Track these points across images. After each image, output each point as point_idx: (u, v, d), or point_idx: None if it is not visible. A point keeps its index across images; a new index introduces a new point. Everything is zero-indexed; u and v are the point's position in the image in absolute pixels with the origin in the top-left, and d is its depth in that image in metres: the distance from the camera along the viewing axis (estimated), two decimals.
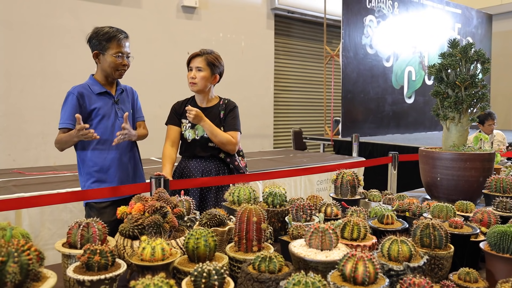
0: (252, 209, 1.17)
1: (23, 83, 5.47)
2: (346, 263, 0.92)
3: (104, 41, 2.19)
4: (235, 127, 2.43)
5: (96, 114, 2.22)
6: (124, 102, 2.37)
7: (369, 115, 7.40)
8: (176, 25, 6.82)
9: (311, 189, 4.34)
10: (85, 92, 2.21)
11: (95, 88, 2.24)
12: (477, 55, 2.08)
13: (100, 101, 2.24)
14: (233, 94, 2.91)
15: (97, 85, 2.26)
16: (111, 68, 2.23)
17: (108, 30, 2.21)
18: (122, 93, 2.37)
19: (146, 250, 1.02)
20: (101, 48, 2.21)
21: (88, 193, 2.18)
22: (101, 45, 2.20)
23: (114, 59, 2.21)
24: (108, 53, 2.20)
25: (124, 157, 2.31)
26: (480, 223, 1.39)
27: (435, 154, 2.08)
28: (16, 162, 5.33)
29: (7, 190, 2.85)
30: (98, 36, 2.20)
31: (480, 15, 9.88)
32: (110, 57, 2.20)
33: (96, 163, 2.24)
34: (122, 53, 2.22)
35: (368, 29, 7.30)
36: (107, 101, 2.28)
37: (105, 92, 2.27)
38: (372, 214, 1.54)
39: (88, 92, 2.22)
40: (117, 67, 2.23)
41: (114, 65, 2.22)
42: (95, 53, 2.23)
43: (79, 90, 2.20)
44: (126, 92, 2.42)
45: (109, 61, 2.21)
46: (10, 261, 0.79)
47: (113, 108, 2.28)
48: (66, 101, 2.19)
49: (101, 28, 2.23)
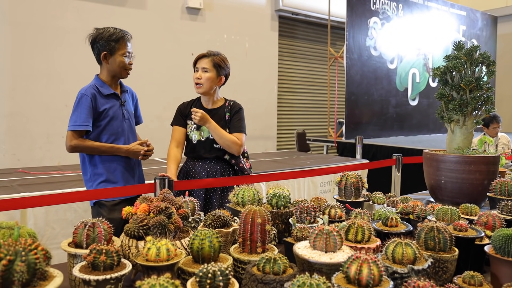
0: (256, 211, 1.18)
1: (28, 83, 5.50)
2: (350, 265, 0.92)
3: (113, 42, 2.21)
4: (240, 129, 2.43)
5: (105, 116, 2.23)
6: (128, 103, 2.39)
7: (373, 117, 7.38)
8: (181, 26, 6.84)
9: (314, 191, 4.34)
10: (96, 93, 2.22)
11: (103, 90, 2.25)
12: (482, 58, 2.08)
13: (109, 102, 2.26)
14: (237, 95, 2.92)
15: (105, 87, 2.27)
16: (121, 68, 2.25)
17: (113, 31, 2.23)
18: (125, 94, 2.39)
19: (151, 251, 1.03)
20: (110, 49, 2.22)
21: (93, 193, 2.19)
22: (110, 46, 2.21)
23: (123, 59, 2.24)
24: (118, 54, 2.22)
25: (130, 158, 2.33)
26: (484, 227, 1.39)
27: (440, 157, 2.08)
28: (21, 162, 5.35)
29: (13, 190, 2.86)
30: (105, 37, 2.21)
31: (485, 17, 9.85)
32: (119, 57, 2.23)
33: (104, 164, 2.25)
34: (129, 52, 2.27)
35: (372, 31, 7.29)
36: (115, 102, 2.29)
37: (113, 94, 2.28)
38: (376, 216, 1.54)
39: (98, 93, 2.23)
40: (126, 67, 2.26)
41: (123, 65, 2.25)
42: (104, 54, 2.23)
43: (91, 91, 2.20)
44: (129, 93, 2.44)
45: (119, 61, 2.23)
46: (18, 260, 0.79)
47: (120, 110, 2.30)
48: (81, 103, 2.17)
49: (105, 29, 2.23)
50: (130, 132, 2.34)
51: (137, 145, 2.28)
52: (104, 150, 2.21)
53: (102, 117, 2.22)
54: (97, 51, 2.25)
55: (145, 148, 2.29)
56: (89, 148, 2.19)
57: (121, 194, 2.22)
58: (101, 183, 2.26)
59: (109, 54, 2.23)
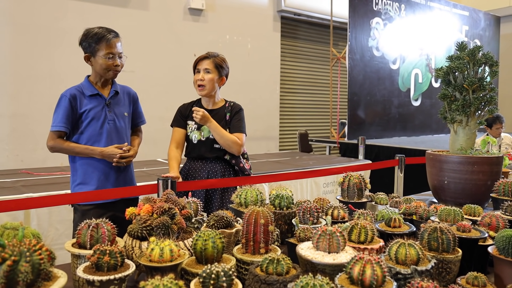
0: (259, 211, 1.18)
1: (31, 84, 5.52)
2: (353, 266, 0.92)
3: (93, 43, 2.16)
4: (240, 129, 2.44)
5: (86, 116, 2.19)
6: (118, 104, 2.31)
7: (376, 118, 7.38)
8: (183, 27, 6.85)
9: (317, 191, 4.33)
10: (77, 94, 2.19)
11: (87, 91, 2.21)
12: (485, 58, 2.07)
13: (91, 103, 2.21)
14: (239, 96, 2.93)
15: (90, 87, 2.23)
16: (103, 69, 2.19)
17: (97, 31, 2.17)
18: (116, 95, 2.31)
19: (154, 251, 1.03)
20: (91, 51, 2.18)
21: (95, 194, 2.19)
22: (91, 47, 2.17)
23: (105, 61, 2.17)
24: (99, 55, 2.16)
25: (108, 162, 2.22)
26: (488, 227, 1.39)
27: (443, 158, 2.07)
28: (24, 163, 5.37)
29: (16, 190, 2.88)
30: (88, 39, 2.17)
31: (488, 17, 9.83)
32: (100, 59, 2.16)
33: (82, 165, 2.22)
34: (113, 53, 2.17)
35: (375, 32, 7.29)
36: (98, 103, 2.23)
37: (97, 94, 2.23)
38: (379, 217, 1.54)
39: (80, 94, 2.20)
40: (108, 68, 2.19)
41: (105, 66, 2.18)
42: (86, 55, 2.20)
43: (72, 92, 2.18)
44: (123, 93, 2.36)
45: (100, 63, 2.17)
46: (22, 261, 0.80)
47: (104, 111, 2.23)
48: (59, 104, 2.17)
49: (91, 30, 2.19)
50: (115, 134, 2.25)
51: (113, 148, 2.18)
52: (78, 152, 2.16)
53: (84, 117, 2.18)
54: (84, 52, 2.22)
55: (120, 151, 2.17)
56: (65, 149, 2.16)
57: (124, 195, 2.22)
58: (77, 186, 2.23)
59: (91, 56, 2.19)
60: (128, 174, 2.36)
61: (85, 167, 2.21)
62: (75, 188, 2.24)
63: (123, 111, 2.33)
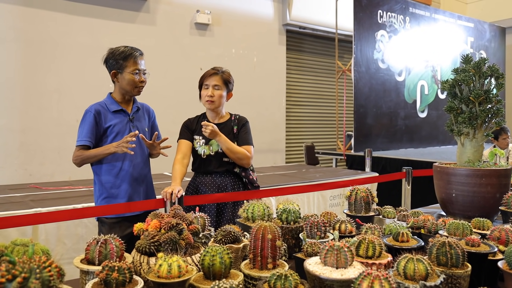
0: (267, 226, 1.18)
1: (40, 99, 5.60)
2: (362, 282, 0.91)
3: (121, 60, 2.27)
4: (248, 141, 2.47)
5: (111, 131, 2.28)
6: (140, 119, 2.42)
7: (382, 130, 7.36)
8: (190, 42, 6.94)
9: (324, 204, 4.31)
10: (101, 110, 2.28)
11: (111, 106, 2.31)
12: (491, 70, 2.07)
13: (116, 118, 2.31)
14: (245, 109, 2.95)
15: (113, 103, 2.33)
16: (130, 85, 2.29)
17: (123, 50, 2.29)
18: (138, 111, 2.42)
19: (162, 267, 1.03)
20: (118, 67, 2.28)
21: (104, 208, 2.21)
22: (118, 64, 2.27)
23: (132, 77, 2.28)
24: (126, 71, 2.27)
25: (136, 173, 2.34)
26: (497, 241, 1.37)
27: (450, 170, 2.06)
28: (32, 177, 5.42)
29: (25, 205, 2.90)
30: (115, 56, 2.28)
31: (493, 29, 9.83)
32: (128, 75, 2.27)
33: (109, 179, 2.29)
34: (139, 70, 2.30)
35: (380, 44, 7.32)
36: (123, 118, 2.33)
37: (121, 110, 2.33)
38: (386, 231, 1.53)
39: (105, 110, 2.30)
40: (135, 84, 2.30)
41: (132, 82, 2.29)
42: (113, 72, 2.30)
43: (96, 108, 2.28)
44: (143, 110, 2.47)
45: (127, 79, 2.28)
46: (32, 278, 0.81)
47: (128, 126, 2.34)
48: (84, 119, 2.26)
49: (117, 48, 2.30)
50: (138, 148, 2.32)
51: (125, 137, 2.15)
52: (97, 154, 2.19)
53: (109, 132, 2.28)
54: (109, 69, 2.32)
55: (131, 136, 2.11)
56: (86, 157, 2.21)
57: (130, 210, 2.23)
58: (105, 199, 2.30)
59: (119, 72, 2.29)
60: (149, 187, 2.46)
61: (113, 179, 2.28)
62: (101, 201, 2.29)
63: (144, 126, 2.44)
